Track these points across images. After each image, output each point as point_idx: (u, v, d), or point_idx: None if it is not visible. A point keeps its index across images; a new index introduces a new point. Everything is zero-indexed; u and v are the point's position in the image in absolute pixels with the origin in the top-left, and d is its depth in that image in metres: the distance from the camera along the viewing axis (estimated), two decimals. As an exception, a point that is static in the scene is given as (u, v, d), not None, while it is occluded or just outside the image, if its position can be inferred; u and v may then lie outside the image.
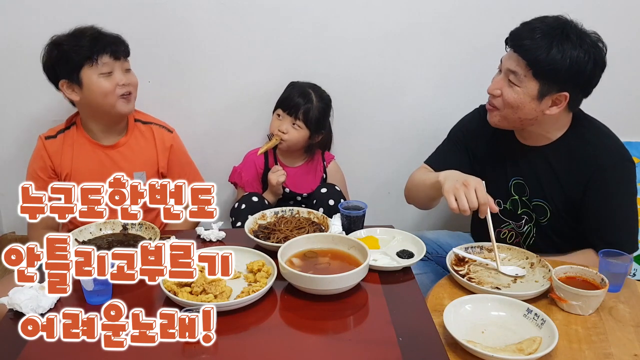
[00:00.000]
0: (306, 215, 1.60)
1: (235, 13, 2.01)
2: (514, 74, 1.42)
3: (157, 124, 1.88)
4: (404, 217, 2.36)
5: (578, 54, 1.35)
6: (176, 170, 1.88)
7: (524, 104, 1.42)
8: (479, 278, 1.35)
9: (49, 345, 1.07)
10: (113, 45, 1.67)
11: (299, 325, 1.15)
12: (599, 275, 1.25)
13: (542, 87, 1.40)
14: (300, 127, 1.92)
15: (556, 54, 1.35)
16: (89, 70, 1.65)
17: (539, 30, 1.38)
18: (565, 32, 1.37)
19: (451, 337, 1.08)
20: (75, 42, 1.65)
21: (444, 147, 1.71)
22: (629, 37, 2.05)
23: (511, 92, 1.43)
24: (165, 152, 1.85)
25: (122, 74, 1.70)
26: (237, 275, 1.29)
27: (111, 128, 1.78)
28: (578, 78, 1.38)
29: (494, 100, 1.49)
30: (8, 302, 1.15)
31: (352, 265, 1.28)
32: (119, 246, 1.41)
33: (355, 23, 2.04)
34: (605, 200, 1.45)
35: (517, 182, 1.57)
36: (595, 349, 1.11)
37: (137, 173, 1.82)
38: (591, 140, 1.47)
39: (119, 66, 1.69)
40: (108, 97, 1.67)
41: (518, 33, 1.43)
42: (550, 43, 1.36)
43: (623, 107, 2.12)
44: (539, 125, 1.48)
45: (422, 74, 2.13)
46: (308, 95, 1.93)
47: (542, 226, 1.56)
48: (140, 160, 1.81)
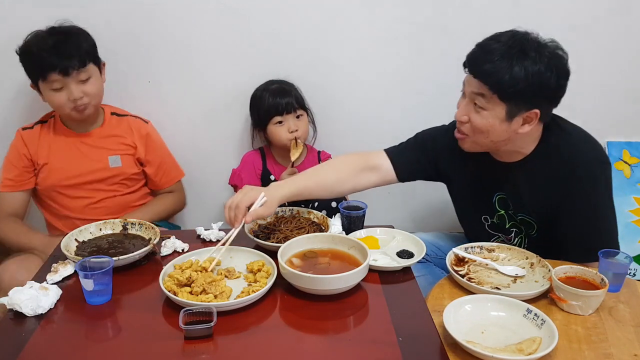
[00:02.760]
0: (306, 215, 1.60)
1: (235, 13, 2.01)
2: (480, 97, 1.36)
3: (132, 115, 1.94)
4: (403, 218, 2.36)
5: (539, 68, 1.30)
6: (155, 159, 1.94)
7: (493, 127, 1.38)
8: (478, 278, 1.35)
9: (49, 345, 1.07)
10: (63, 61, 1.66)
11: (299, 325, 1.15)
12: (599, 275, 1.25)
13: (510, 108, 1.35)
14: (302, 114, 1.97)
15: (518, 74, 1.30)
16: (43, 84, 1.70)
17: (496, 52, 1.33)
18: (523, 48, 1.32)
19: (451, 338, 1.08)
20: (26, 57, 1.70)
21: (409, 146, 1.65)
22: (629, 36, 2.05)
23: (479, 118, 1.38)
24: (142, 140, 1.90)
25: (76, 87, 1.70)
26: (237, 275, 1.29)
27: (84, 121, 1.83)
28: (545, 93, 1.34)
29: (462, 127, 1.44)
30: (8, 302, 1.15)
31: (352, 265, 1.28)
32: (119, 246, 1.41)
33: (355, 23, 2.04)
34: (579, 207, 1.41)
35: (500, 197, 1.54)
36: (595, 349, 1.11)
37: (111, 157, 1.86)
38: (564, 147, 1.42)
39: (71, 80, 1.69)
40: (61, 109, 1.74)
41: (475, 57, 1.37)
42: (510, 63, 1.30)
43: (622, 107, 2.12)
44: (512, 143, 1.44)
45: (422, 74, 2.13)
46: (283, 89, 1.97)
47: (533, 238, 1.54)
48: (114, 145, 1.87)
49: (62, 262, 1.31)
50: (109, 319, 1.17)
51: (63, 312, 1.17)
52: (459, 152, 1.54)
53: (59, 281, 1.27)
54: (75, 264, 1.28)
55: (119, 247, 1.41)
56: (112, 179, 1.86)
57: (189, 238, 1.47)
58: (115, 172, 1.86)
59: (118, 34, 2.02)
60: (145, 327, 1.13)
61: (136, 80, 2.07)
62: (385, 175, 1.61)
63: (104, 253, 1.35)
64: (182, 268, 1.27)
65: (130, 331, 1.12)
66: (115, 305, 1.20)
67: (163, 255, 1.40)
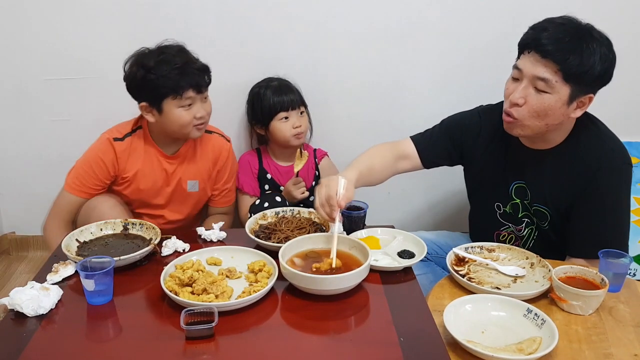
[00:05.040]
0: (307, 215, 1.60)
1: (235, 13, 2.01)
2: (543, 81, 1.35)
3: (217, 133, 1.93)
4: (403, 218, 2.36)
5: (605, 51, 1.33)
6: (223, 179, 1.95)
7: (554, 110, 1.37)
8: (479, 278, 1.35)
9: (50, 346, 1.07)
10: (199, 78, 1.68)
11: (300, 325, 1.15)
12: (599, 275, 1.25)
13: (573, 91, 1.35)
14: (303, 110, 2.00)
15: (589, 56, 1.32)
16: (172, 101, 1.67)
17: (564, 32, 1.33)
18: (586, 31, 1.34)
19: (451, 337, 1.08)
20: (162, 72, 1.64)
21: (434, 133, 1.68)
22: (629, 36, 2.05)
23: (540, 100, 1.37)
24: (222, 161, 1.91)
25: (201, 105, 1.72)
26: (238, 275, 1.29)
27: (176, 140, 1.81)
28: (605, 77, 1.36)
29: (514, 110, 1.42)
30: (9, 303, 1.15)
31: (353, 265, 1.28)
32: (119, 246, 1.41)
33: (354, 23, 2.04)
34: (597, 203, 1.43)
35: (518, 185, 1.56)
36: (595, 349, 1.12)
37: (190, 182, 1.86)
38: (593, 142, 1.45)
39: (199, 98, 1.71)
40: (184, 128, 1.71)
41: (539, 38, 1.35)
42: (581, 45, 1.32)
43: (623, 107, 2.13)
44: (559, 130, 1.45)
45: (422, 74, 2.13)
46: (286, 85, 1.99)
47: (543, 230, 1.56)
48: (195, 169, 1.86)
49: (62, 263, 1.31)
50: (110, 319, 1.17)
51: (64, 313, 1.17)
52: (487, 136, 1.57)
53: (59, 281, 1.27)
54: (76, 264, 1.28)
55: (119, 247, 1.41)
56: (187, 202, 1.89)
57: (190, 238, 1.47)
58: (191, 196, 1.88)
59: (118, 34, 2.02)
60: (146, 327, 1.13)
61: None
62: (415, 162, 1.67)
63: (105, 253, 1.35)
64: (184, 268, 1.28)
65: (131, 331, 1.12)
66: (116, 305, 1.20)
67: (164, 256, 1.40)
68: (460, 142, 1.65)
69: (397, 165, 1.66)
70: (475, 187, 1.70)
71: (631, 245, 2.18)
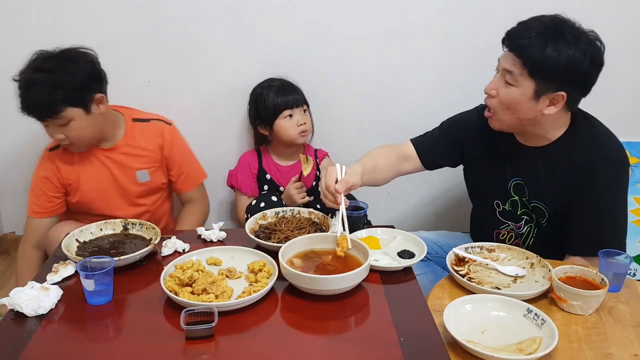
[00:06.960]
0: (307, 215, 1.60)
1: (235, 13, 2.01)
2: (510, 74, 1.41)
3: (155, 119, 1.89)
4: (403, 218, 2.36)
5: (574, 52, 1.35)
6: (176, 161, 1.91)
7: (520, 104, 1.42)
8: (479, 278, 1.35)
9: (50, 346, 1.07)
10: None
11: (300, 325, 1.15)
12: (599, 275, 1.25)
13: (539, 87, 1.39)
14: (306, 109, 2.01)
15: (551, 52, 1.34)
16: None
17: (534, 28, 1.38)
18: (561, 30, 1.36)
19: (451, 337, 1.08)
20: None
21: (434, 135, 1.70)
22: (629, 36, 2.05)
23: (507, 92, 1.43)
24: (168, 144, 1.87)
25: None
26: (238, 275, 1.29)
27: (105, 135, 1.78)
28: (574, 77, 1.38)
29: (490, 102, 1.48)
30: (9, 303, 1.15)
31: (353, 265, 1.28)
32: (119, 246, 1.41)
33: (354, 22, 2.05)
34: (594, 202, 1.44)
35: (516, 182, 1.57)
36: (595, 349, 1.12)
37: (139, 172, 1.83)
38: (589, 140, 1.46)
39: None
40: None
41: (514, 32, 1.42)
42: (546, 41, 1.35)
43: (623, 107, 2.13)
44: (539, 126, 1.48)
45: (422, 74, 2.13)
46: (290, 84, 2.00)
47: (542, 227, 1.56)
48: (141, 159, 1.83)
49: (62, 263, 1.31)
50: (110, 319, 1.17)
51: (64, 313, 1.17)
52: (485, 134, 1.59)
53: (59, 281, 1.27)
54: (76, 264, 1.28)
55: (119, 247, 1.41)
56: (141, 193, 1.87)
57: (190, 238, 1.47)
58: (144, 187, 1.86)
59: (118, 34, 2.02)
60: (146, 327, 1.13)
61: (136, 80, 2.07)
62: (416, 164, 1.69)
63: (105, 253, 1.35)
64: (183, 268, 1.28)
65: (131, 331, 1.12)
66: (116, 305, 1.20)
67: (164, 256, 1.40)
68: (460, 142, 1.66)
69: (400, 166, 1.68)
70: (474, 185, 1.71)
71: (631, 245, 2.18)
